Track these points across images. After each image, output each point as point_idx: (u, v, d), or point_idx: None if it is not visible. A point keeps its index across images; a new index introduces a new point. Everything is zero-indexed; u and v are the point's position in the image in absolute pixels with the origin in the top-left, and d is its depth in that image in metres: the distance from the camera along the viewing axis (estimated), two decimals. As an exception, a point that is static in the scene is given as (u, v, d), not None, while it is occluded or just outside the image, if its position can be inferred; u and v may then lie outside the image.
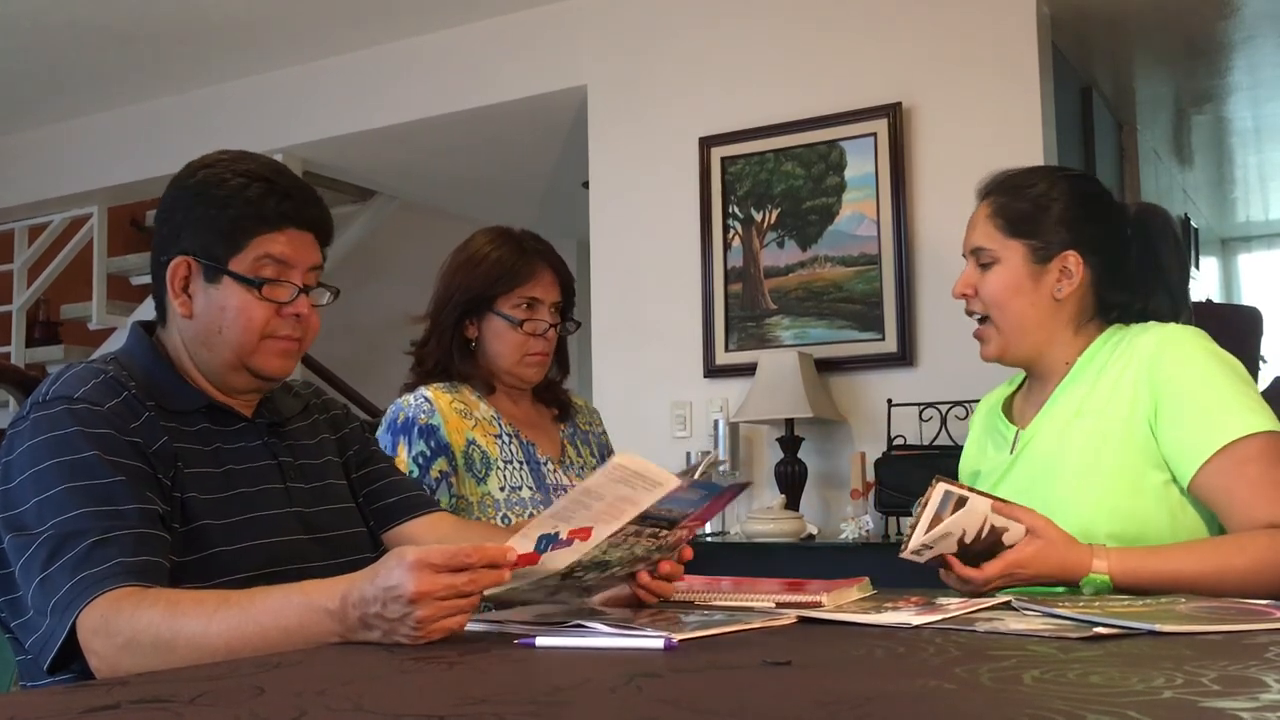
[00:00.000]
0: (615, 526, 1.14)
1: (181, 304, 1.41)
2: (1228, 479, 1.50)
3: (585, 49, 4.24)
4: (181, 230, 1.41)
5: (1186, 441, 1.53)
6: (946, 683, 0.86)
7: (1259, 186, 7.12)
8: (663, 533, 1.23)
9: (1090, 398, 1.62)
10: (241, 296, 1.39)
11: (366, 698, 0.81)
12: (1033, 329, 1.67)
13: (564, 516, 1.13)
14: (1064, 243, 1.66)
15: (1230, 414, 1.52)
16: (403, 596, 1.05)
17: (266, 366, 1.43)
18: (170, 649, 1.12)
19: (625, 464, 1.12)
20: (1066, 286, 1.66)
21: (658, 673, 0.91)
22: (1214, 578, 1.43)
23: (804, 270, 3.74)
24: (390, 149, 4.97)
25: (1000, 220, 1.68)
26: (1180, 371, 1.56)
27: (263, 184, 1.40)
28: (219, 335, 1.40)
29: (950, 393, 3.41)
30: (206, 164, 1.43)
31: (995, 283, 1.67)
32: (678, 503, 1.19)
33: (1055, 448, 1.63)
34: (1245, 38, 4.42)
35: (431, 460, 1.93)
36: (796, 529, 3.33)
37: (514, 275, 2.02)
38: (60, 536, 1.20)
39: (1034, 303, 1.66)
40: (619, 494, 1.13)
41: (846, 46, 3.75)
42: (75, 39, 4.52)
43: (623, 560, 1.23)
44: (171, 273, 1.41)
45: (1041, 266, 1.67)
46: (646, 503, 1.14)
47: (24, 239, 5.72)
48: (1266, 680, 0.82)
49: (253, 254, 1.39)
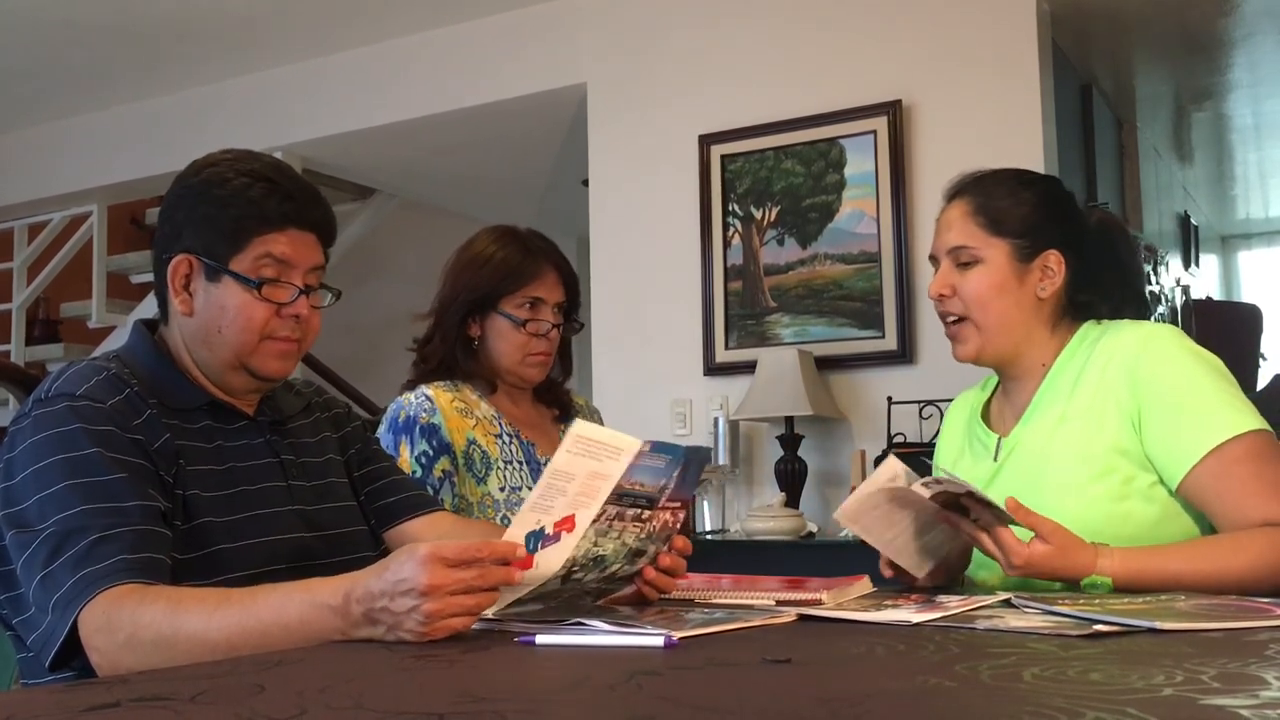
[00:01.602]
0: (595, 508, 1.14)
1: (182, 302, 1.41)
2: (1218, 481, 1.50)
3: (585, 47, 4.24)
4: (183, 228, 1.41)
5: (1173, 445, 1.53)
6: (946, 680, 0.86)
7: (1259, 184, 7.12)
8: (644, 514, 1.23)
9: (1073, 402, 1.61)
10: (241, 296, 1.39)
11: (367, 696, 0.81)
12: (1014, 328, 1.66)
13: (543, 507, 1.13)
14: (1048, 241, 1.66)
15: (1215, 415, 1.52)
16: (414, 589, 1.05)
17: (265, 367, 1.43)
18: (172, 646, 1.12)
19: (583, 434, 1.13)
20: (1049, 285, 1.66)
21: (658, 670, 0.91)
22: (1214, 577, 1.43)
23: (804, 268, 3.74)
24: (390, 147, 4.96)
25: (982, 219, 1.66)
26: (1162, 372, 1.55)
27: (266, 184, 1.40)
28: (218, 335, 1.40)
29: (950, 390, 3.37)
30: (210, 163, 1.43)
31: (978, 282, 1.65)
32: (647, 473, 1.19)
33: (1041, 454, 1.62)
34: (1245, 34, 4.42)
35: (434, 459, 1.93)
36: (796, 527, 3.34)
37: (518, 275, 2.02)
38: (62, 533, 1.20)
39: (1017, 302, 1.66)
40: (588, 470, 1.13)
41: (846, 44, 3.75)
42: (74, 37, 4.52)
43: (617, 553, 1.23)
44: (172, 270, 1.41)
45: (1025, 265, 1.66)
46: (616, 473, 1.14)
47: (24, 237, 5.72)
48: (1266, 677, 0.82)
49: (253, 254, 1.39)
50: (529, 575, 1.15)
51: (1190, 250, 6.59)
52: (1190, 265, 6.53)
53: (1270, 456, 1.51)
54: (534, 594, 1.19)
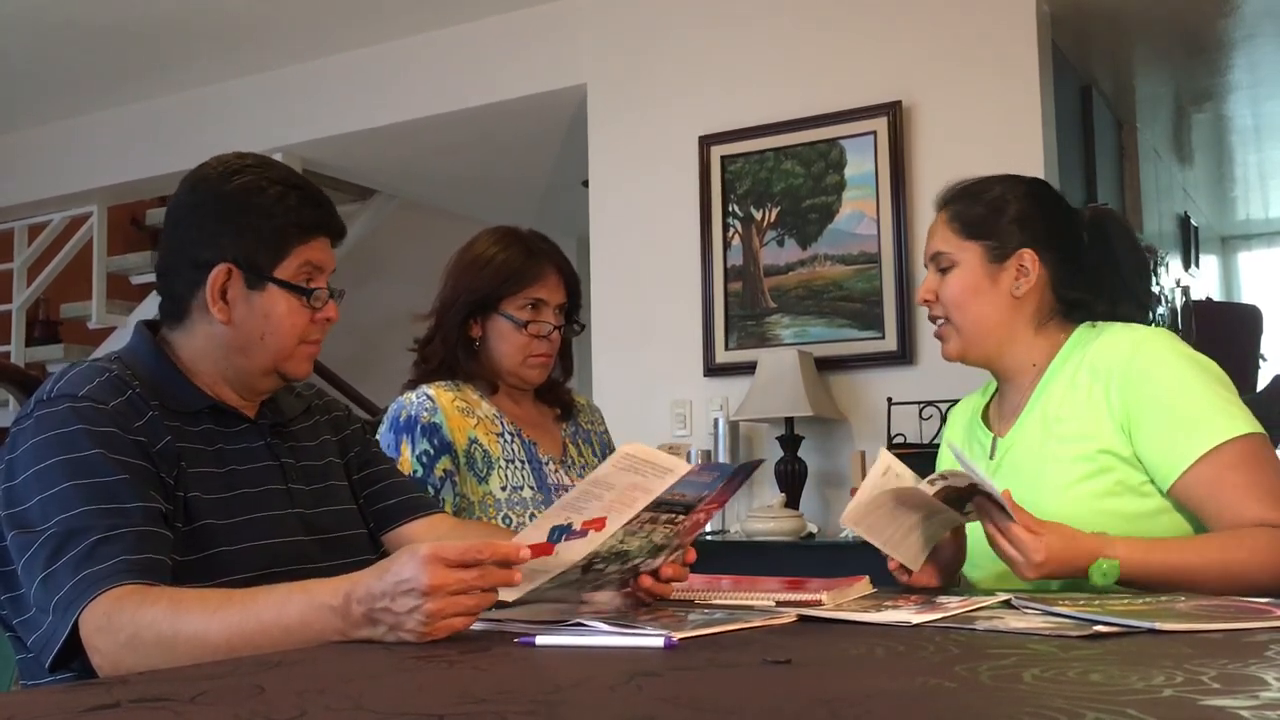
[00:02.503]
0: (629, 515, 1.14)
1: (220, 310, 1.41)
2: (1211, 486, 1.50)
3: (585, 48, 4.24)
4: (221, 237, 1.41)
5: (1166, 449, 1.53)
6: (946, 681, 0.86)
7: (1259, 185, 7.13)
8: (679, 518, 1.23)
9: (1066, 403, 1.62)
10: (288, 303, 1.42)
11: (367, 696, 0.81)
12: (992, 328, 1.69)
13: (576, 508, 1.14)
14: (1019, 241, 1.68)
15: (1208, 419, 1.51)
16: (415, 589, 1.06)
17: (297, 370, 1.47)
18: (172, 647, 1.12)
19: (633, 453, 1.13)
20: (1024, 284, 1.68)
21: (658, 671, 0.91)
22: (1218, 567, 1.43)
23: (804, 269, 3.74)
24: (390, 148, 4.97)
25: (957, 224, 1.71)
26: (1154, 375, 1.55)
27: (297, 192, 1.43)
28: (260, 342, 1.42)
29: (950, 391, 3.40)
30: (235, 169, 1.43)
31: (954, 284, 1.69)
32: (691, 486, 1.19)
33: (1035, 454, 1.63)
34: (1245, 36, 4.42)
35: (435, 459, 1.93)
36: (796, 527, 3.34)
37: (520, 276, 2.01)
38: (63, 534, 1.20)
39: (992, 302, 1.68)
40: (629, 482, 1.13)
41: (846, 45, 3.76)
42: (75, 38, 4.52)
43: (642, 549, 1.23)
44: (212, 280, 1.41)
45: (998, 265, 1.68)
46: (659, 489, 1.14)
47: (24, 238, 5.72)
48: (1266, 678, 0.82)
49: (296, 261, 1.42)
50: (550, 562, 1.15)
51: (1190, 251, 6.60)
52: (1190, 266, 6.53)
53: (1264, 460, 1.50)
54: (555, 582, 1.18)
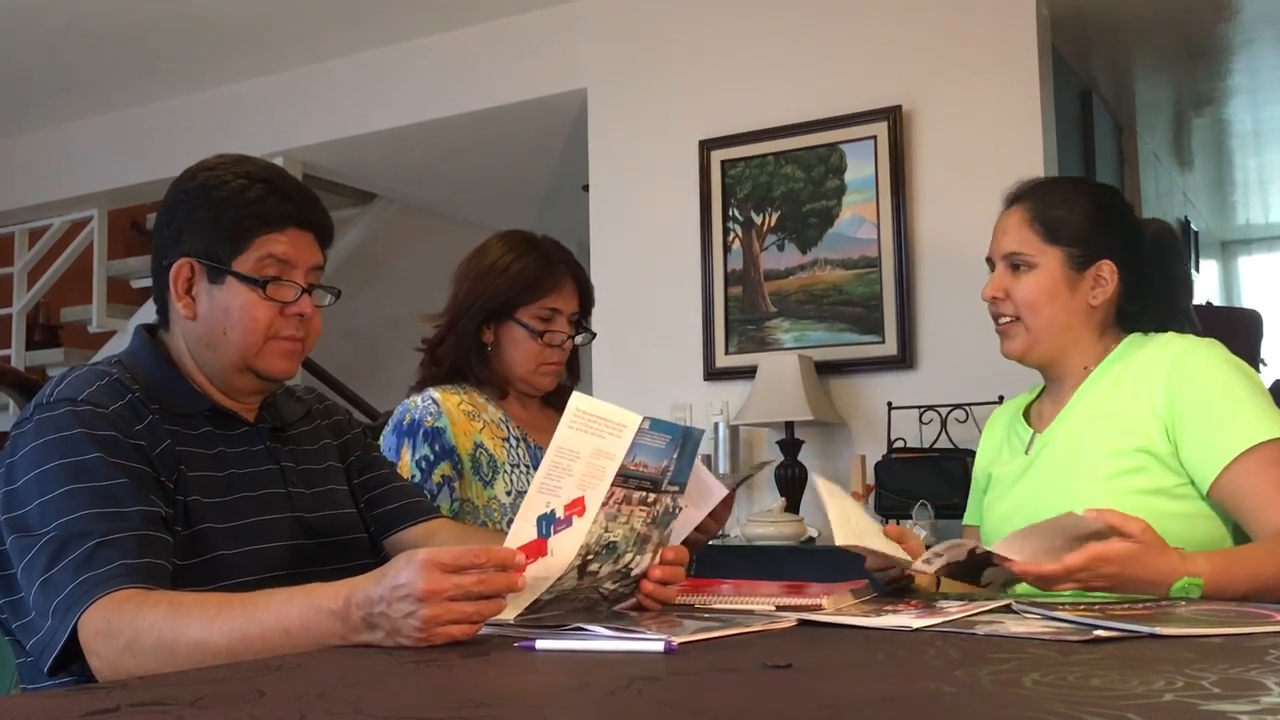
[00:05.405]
0: (602, 489, 1.16)
1: (185, 306, 1.41)
2: (1250, 483, 1.51)
3: (585, 52, 4.24)
4: (183, 233, 1.42)
5: (1207, 447, 1.55)
6: (947, 685, 0.86)
7: (1259, 189, 7.13)
8: (650, 497, 1.25)
9: (1107, 402, 1.64)
10: (246, 296, 1.40)
11: (366, 700, 0.81)
12: (1062, 332, 1.70)
13: (550, 488, 1.15)
14: (1101, 251, 1.69)
15: (1250, 420, 1.54)
16: (411, 595, 1.05)
17: (271, 368, 1.44)
18: (172, 651, 1.12)
19: (584, 408, 1.16)
20: (1100, 294, 1.70)
21: (658, 676, 0.91)
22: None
23: (804, 273, 3.74)
24: (390, 152, 4.97)
25: (1039, 227, 1.70)
26: (1200, 376, 1.58)
27: (263, 185, 1.41)
28: (224, 336, 1.41)
29: (950, 395, 3.40)
30: (206, 167, 1.44)
31: (1031, 286, 1.70)
32: (649, 453, 1.20)
33: (1071, 450, 1.65)
34: (1245, 40, 4.43)
35: (435, 464, 1.92)
36: (797, 532, 3.33)
37: (537, 286, 2.01)
38: (63, 538, 1.20)
39: (1068, 308, 1.69)
40: (591, 447, 1.16)
41: (846, 49, 3.76)
42: (75, 42, 4.53)
43: (627, 539, 1.24)
44: (174, 275, 1.41)
45: (1078, 273, 1.69)
46: (620, 451, 1.16)
47: (24, 242, 5.72)
48: (1267, 683, 0.82)
49: (256, 254, 1.40)
50: (546, 565, 1.15)
51: (1190, 256, 6.60)
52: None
53: None
54: (553, 591, 1.19)
